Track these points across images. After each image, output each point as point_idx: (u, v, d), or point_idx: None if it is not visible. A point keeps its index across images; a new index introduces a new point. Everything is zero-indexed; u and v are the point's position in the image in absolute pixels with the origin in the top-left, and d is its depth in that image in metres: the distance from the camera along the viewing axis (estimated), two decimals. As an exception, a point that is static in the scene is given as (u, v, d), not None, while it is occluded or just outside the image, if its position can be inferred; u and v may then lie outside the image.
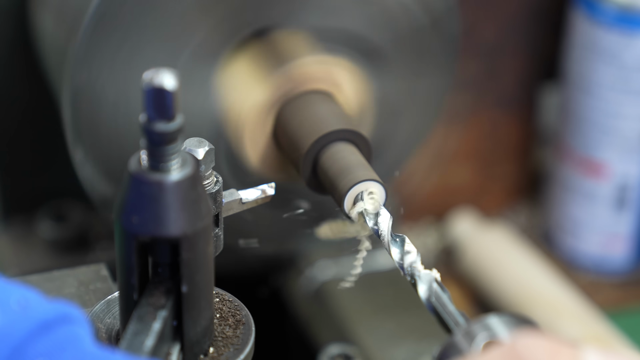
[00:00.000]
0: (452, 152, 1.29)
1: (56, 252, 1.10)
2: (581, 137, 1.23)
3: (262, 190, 0.75)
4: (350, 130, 0.80)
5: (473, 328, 0.63)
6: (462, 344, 0.62)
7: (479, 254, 1.26)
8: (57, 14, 0.93)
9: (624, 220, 1.25)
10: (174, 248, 0.64)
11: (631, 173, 1.23)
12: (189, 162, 0.63)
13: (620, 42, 1.16)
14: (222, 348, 0.69)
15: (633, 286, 1.27)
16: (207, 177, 0.71)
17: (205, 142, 0.71)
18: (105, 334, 0.69)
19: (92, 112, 0.86)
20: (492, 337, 0.62)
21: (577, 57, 1.21)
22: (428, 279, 0.69)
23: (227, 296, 0.72)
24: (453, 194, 1.31)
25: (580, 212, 1.26)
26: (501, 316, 0.63)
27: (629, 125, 1.20)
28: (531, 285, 1.21)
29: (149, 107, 0.61)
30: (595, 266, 1.28)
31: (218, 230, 0.72)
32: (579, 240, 1.28)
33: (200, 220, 0.63)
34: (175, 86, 0.60)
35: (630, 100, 1.18)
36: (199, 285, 0.65)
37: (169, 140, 0.61)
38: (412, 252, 0.72)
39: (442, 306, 0.68)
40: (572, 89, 1.22)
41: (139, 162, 0.62)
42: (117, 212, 0.63)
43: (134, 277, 0.65)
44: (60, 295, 0.75)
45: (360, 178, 0.76)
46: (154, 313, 0.64)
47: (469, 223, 1.29)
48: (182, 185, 0.62)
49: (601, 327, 1.15)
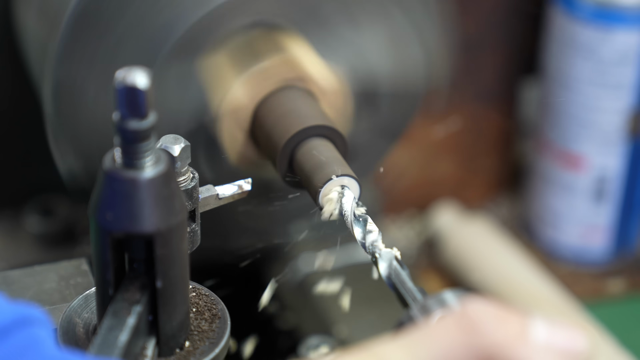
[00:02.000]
0: (434, 146, 1.29)
1: (43, 246, 1.09)
2: (560, 130, 1.23)
3: (238, 186, 0.75)
4: (326, 125, 0.80)
5: (429, 303, 0.64)
6: (418, 318, 0.64)
7: (461, 245, 1.26)
8: (39, 9, 0.92)
9: (603, 212, 1.25)
10: (148, 244, 0.63)
11: (609, 165, 1.22)
12: (163, 159, 0.62)
13: (598, 37, 1.16)
14: (197, 342, 0.68)
15: (611, 277, 1.27)
16: (183, 173, 0.70)
17: (181, 138, 0.70)
18: (83, 329, 0.68)
19: (72, 107, 0.86)
20: (447, 311, 0.63)
21: (556, 52, 1.20)
22: (388, 257, 0.71)
23: (204, 290, 0.72)
24: (435, 186, 1.31)
25: (559, 204, 1.26)
26: (455, 291, 0.64)
27: (607, 119, 1.20)
28: (511, 275, 1.21)
29: (122, 106, 0.60)
30: (575, 257, 1.28)
31: (195, 226, 0.72)
32: (558, 232, 1.28)
33: (174, 216, 0.63)
34: (148, 85, 0.60)
35: (607, 94, 1.18)
36: (174, 280, 0.65)
37: (142, 137, 0.61)
38: (374, 231, 0.73)
39: (400, 283, 0.69)
40: (551, 84, 1.22)
41: (113, 159, 0.62)
42: (92, 209, 0.63)
43: (109, 273, 0.64)
44: (41, 289, 0.75)
45: (334, 173, 0.76)
46: (128, 308, 0.63)
47: (451, 215, 1.29)
48: (156, 182, 0.62)
49: (580, 317, 1.15)
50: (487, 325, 0.59)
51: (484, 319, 0.60)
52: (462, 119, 1.28)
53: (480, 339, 0.59)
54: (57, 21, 0.85)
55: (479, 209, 1.33)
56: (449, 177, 1.31)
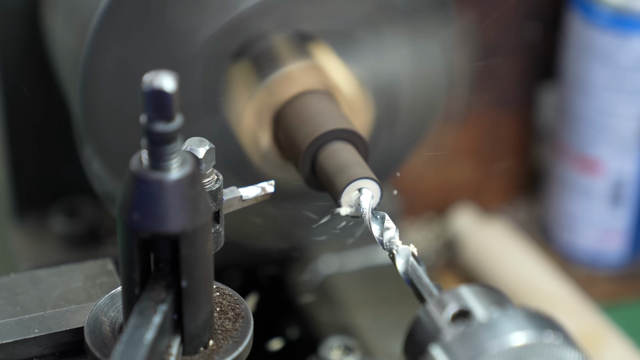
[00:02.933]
0: (453, 150, 1.29)
1: (68, 247, 1.10)
2: (578, 135, 1.23)
3: (262, 188, 0.75)
4: (347, 129, 0.80)
5: (444, 297, 0.65)
6: (434, 313, 0.64)
7: (479, 248, 1.26)
8: (66, 14, 0.93)
9: (619, 216, 1.25)
10: (173, 244, 0.64)
11: (626, 170, 1.22)
12: (189, 161, 0.63)
13: (615, 43, 1.16)
14: (221, 341, 0.68)
15: (628, 280, 1.27)
16: (207, 175, 0.71)
17: (206, 141, 0.70)
18: (109, 327, 0.69)
19: (99, 111, 0.86)
20: (462, 306, 0.64)
21: (573, 58, 1.20)
22: (405, 253, 0.71)
23: (227, 290, 0.72)
24: (454, 190, 1.31)
25: (576, 208, 1.26)
26: (471, 287, 0.65)
27: (624, 124, 1.20)
28: (529, 278, 1.21)
29: (149, 108, 0.61)
30: (591, 260, 1.28)
31: (219, 227, 0.72)
32: (575, 235, 1.28)
33: (200, 217, 0.63)
34: (175, 88, 0.60)
35: (624, 100, 1.18)
36: (199, 280, 0.65)
37: (168, 140, 0.61)
38: (392, 228, 0.74)
39: (417, 278, 0.70)
40: (568, 89, 1.22)
41: (139, 161, 0.62)
42: (119, 210, 0.63)
43: (135, 272, 0.65)
44: (68, 288, 0.75)
45: (356, 176, 0.76)
46: (154, 307, 0.64)
47: (469, 218, 1.29)
48: (182, 184, 0.62)
49: (596, 319, 1.15)
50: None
51: None
52: (481, 123, 1.28)
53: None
54: (84, 26, 0.86)
55: (496, 212, 1.33)
56: (467, 180, 1.31)
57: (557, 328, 0.63)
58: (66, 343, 0.71)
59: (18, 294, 0.74)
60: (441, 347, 0.62)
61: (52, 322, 0.71)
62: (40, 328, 0.71)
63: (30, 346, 0.70)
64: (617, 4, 1.15)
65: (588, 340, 1.13)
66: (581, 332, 1.12)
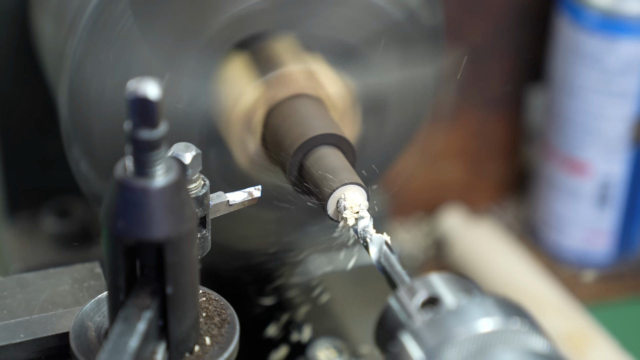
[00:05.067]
0: (442, 150, 1.28)
1: (60, 246, 1.09)
2: (566, 137, 1.21)
3: (248, 193, 0.74)
4: (335, 134, 0.79)
5: (415, 285, 0.65)
6: (404, 299, 0.64)
7: (467, 247, 1.25)
8: (55, 15, 0.91)
9: (606, 217, 1.24)
10: (159, 251, 0.62)
11: (613, 172, 1.21)
12: (174, 167, 0.61)
13: (603, 46, 1.15)
14: (207, 346, 0.67)
15: (614, 280, 1.26)
16: (194, 180, 0.69)
17: (192, 146, 0.69)
18: (95, 332, 0.67)
19: (87, 112, 0.85)
20: (432, 293, 0.64)
21: (562, 61, 1.19)
22: (379, 242, 0.72)
23: (214, 295, 0.71)
24: (443, 190, 1.30)
25: (564, 209, 1.25)
26: (441, 274, 0.65)
27: (611, 126, 1.18)
28: (516, 278, 1.20)
29: (134, 116, 0.59)
30: (578, 260, 1.27)
31: (205, 232, 0.71)
32: (562, 236, 1.26)
33: (185, 224, 0.62)
34: (159, 95, 0.59)
35: (611, 103, 1.17)
36: (184, 286, 0.64)
37: (153, 147, 0.60)
38: (366, 217, 0.74)
39: (390, 266, 0.70)
40: (556, 91, 1.21)
41: (124, 168, 0.61)
42: (104, 216, 0.62)
43: (120, 279, 0.63)
44: (55, 292, 0.74)
45: (343, 181, 0.75)
46: (139, 314, 0.62)
47: (458, 218, 1.28)
48: (167, 191, 0.60)
49: (582, 319, 1.14)
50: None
51: None
52: (470, 124, 1.27)
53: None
54: (73, 28, 0.84)
55: (485, 212, 1.32)
56: (456, 181, 1.30)
57: (524, 315, 0.63)
58: (52, 348, 0.70)
59: (5, 297, 0.73)
60: (410, 333, 0.62)
61: (38, 326, 0.70)
62: (26, 333, 0.69)
63: (16, 351, 0.69)
64: (605, 8, 1.14)
65: (574, 340, 1.12)
66: (567, 332, 1.12)
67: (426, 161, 1.27)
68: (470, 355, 0.60)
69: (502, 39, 1.23)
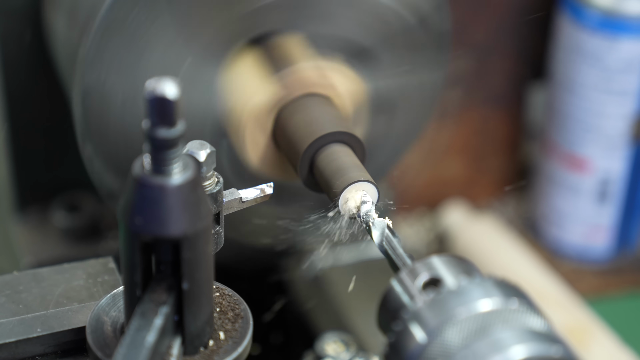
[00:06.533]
0: (445, 147, 1.28)
1: (70, 241, 1.09)
2: (566, 134, 1.21)
3: (261, 190, 0.74)
4: (346, 132, 0.79)
5: (416, 267, 0.65)
6: (406, 281, 0.65)
7: (469, 242, 1.25)
8: (69, 15, 0.91)
9: (606, 213, 1.24)
10: (175, 247, 0.62)
11: (613, 168, 1.21)
12: (190, 165, 0.61)
13: (603, 45, 1.15)
14: (221, 341, 0.67)
15: (613, 274, 1.26)
16: (208, 178, 0.69)
17: (207, 144, 0.69)
18: (111, 327, 0.67)
19: (100, 110, 0.85)
20: (433, 274, 0.64)
21: (563, 59, 1.19)
22: (381, 226, 0.73)
23: (227, 291, 0.71)
24: (445, 186, 1.30)
25: (564, 205, 1.25)
26: (442, 257, 0.66)
27: (611, 124, 1.18)
28: (517, 272, 1.20)
29: (152, 114, 0.59)
30: (578, 255, 1.27)
31: (219, 228, 0.71)
32: (563, 231, 1.27)
33: (201, 221, 0.62)
34: (177, 95, 0.59)
35: (612, 101, 1.17)
36: (199, 282, 0.64)
37: (170, 145, 0.60)
38: (368, 202, 0.74)
39: (392, 249, 0.71)
40: (557, 89, 1.21)
41: (142, 165, 0.61)
42: (122, 213, 0.62)
43: (137, 274, 0.63)
44: (70, 287, 0.74)
45: (354, 179, 0.75)
46: (155, 309, 0.62)
47: (460, 214, 1.28)
48: (183, 188, 0.61)
49: (583, 313, 1.14)
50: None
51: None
52: (472, 121, 1.27)
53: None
54: (87, 27, 0.84)
55: (486, 208, 1.32)
56: (458, 177, 1.30)
57: (522, 296, 0.64)
58: (68, 342, 0.70)
59: (21, 292, 0.73)
60: (412, 313, 0.63)
61: (54, 321, 0.70)
62: (43, 327, 0.69)
63: (32, 345, 0.69)
64: (605, 7, 1.14)
65: (574, 333, 1.12)
66: (567, 326, 1.12)
67: (429, 157, 1.27)
68: (470, 333, 0.61)
69: (505, 38, 1.23)
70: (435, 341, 0.61)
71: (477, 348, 0.60)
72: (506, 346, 0.60)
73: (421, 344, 0.62)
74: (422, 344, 0.62)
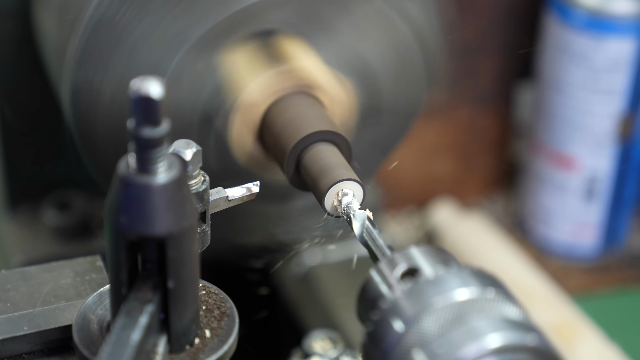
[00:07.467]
0: (433, 145, 1.28)
1: (60, 239, 1.08)
2: (554, 132, 1.21)
3: (247, 188, 0.74)
4: (332, 131, 0.78)
5: (395, 257, 0.66)
6: (385, 271, 0.65)
7: (458, 240, 1.25)
8: (58, 13, 0.91)
9: (593, 211, 1.24)
10: (160, 246, 0.62)
11: (600, 167, 1.21)
12: (175, 164, 0.61)
13: (591, 44, 1.15)
14: (207, 339, 0.67)
15: (600, 272, 1.26)
16: (194, 176, 0.69)
17: (193, 143, 0.69)
18: (97, 325, 0.67)
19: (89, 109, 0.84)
20: (411, 264, 0.65)
21: (550, 58, 1.19)
22: (362, 217, 0.73)
23: (213, 289, 0.71)
24: (434, 184, 1.30)
25: (552, 202, 1.25)
26: (420, 247, 0.66)
27: (598, 123, 1.18)
28: (505, 270, 1.20)
29: (136, 114, 0.59)
30: (566, 253, 1.27)
31: (205, 227, 0.71)
32: (550, 229, 1.26)
33: (186, 219, 0.62)
34: (161, 94, 0.58)
35: (599, 100, 1.17)
36: (185, 280, 0.64)
37: (155, 144, 0.59)
38: (349, 194, 0.75)
39: (372, 240, 0.71)
40: (545, 88, 1.21)
41: (127, 165, 0.60)
42: (107, 212, 0.61)
43: (122, 273, 0.63)
44: (57, 285, 0.73)
45: (339, 177, 0.75)
46: (141, 308, 0.62)
47: (449, 211, 1.28)
48: (168, 188, 0.60)
49: (570, 311, 1.14)
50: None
51: None
52: (460, 120, 1.27)
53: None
54: (76, 26, 0.84)
55: (474, 206, 1.32)
56: (446, 175, 1.30)
57: (498, 285, 0.64)
58: (55, 340, 0.69)
59: (8, 290, 0.72)
60: (390, 303, 0.63)
61: (41, 319, 0.69)
62: (30, 325, 0.69)
63: (19, 343, 0.69)
64: (592, 7, 1.13)
65: (561, 330, 1.12)
66: (555, 323, 1.12)
67: (418, 156, 1.27)
68: (447, 322, 0.61)
69: (493, 37, 1.23)
70: (412, 330, 0.62)
71: (453, 336, 0.60)
72: (482, 334, 0.60)
73: (398, 333, 0.62)
74: (399, 332, 0.62)
